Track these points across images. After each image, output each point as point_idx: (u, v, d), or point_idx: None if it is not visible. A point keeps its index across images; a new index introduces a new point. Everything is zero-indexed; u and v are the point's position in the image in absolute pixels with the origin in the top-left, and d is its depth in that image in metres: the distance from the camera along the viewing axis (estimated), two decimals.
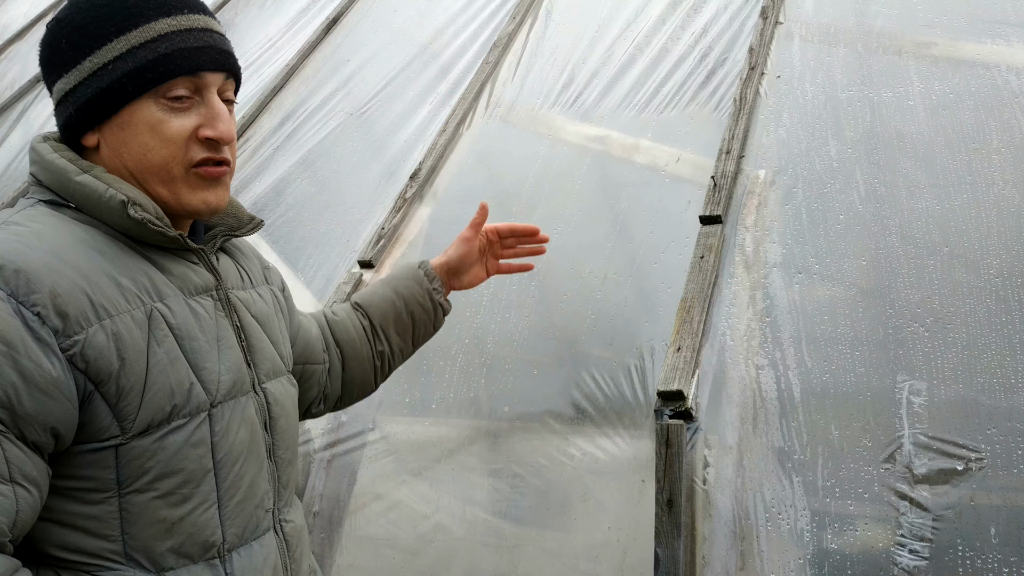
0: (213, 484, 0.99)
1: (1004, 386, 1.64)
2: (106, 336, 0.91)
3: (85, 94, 0.98)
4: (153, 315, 0.96)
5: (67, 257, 0.92)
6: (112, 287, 0.94)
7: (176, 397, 0.96)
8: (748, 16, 2.83)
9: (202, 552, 0.98)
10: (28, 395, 0.86)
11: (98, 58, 0.98)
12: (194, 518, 0.98)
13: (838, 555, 1.53)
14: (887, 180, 2.12)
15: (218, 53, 1.02)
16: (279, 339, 1.18)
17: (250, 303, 1.13)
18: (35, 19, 5.07)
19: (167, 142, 0.98)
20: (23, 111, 4.23)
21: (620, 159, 2.54)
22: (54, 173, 0.98)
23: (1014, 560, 1.44)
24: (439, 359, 2.14)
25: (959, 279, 1.84)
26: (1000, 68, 2.33)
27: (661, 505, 1.64)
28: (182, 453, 0.96)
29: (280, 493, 1.11)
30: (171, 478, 0.96)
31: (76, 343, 0.89)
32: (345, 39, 3.65)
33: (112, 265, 0.95)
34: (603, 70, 2.87)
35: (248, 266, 1.19)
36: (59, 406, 0.89)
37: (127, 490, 0.93)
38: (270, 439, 1.10)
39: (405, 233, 2.55)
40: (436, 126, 2.90)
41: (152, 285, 0.98)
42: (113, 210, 0.96)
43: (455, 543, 1.84)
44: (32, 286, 0.88)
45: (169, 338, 0.97)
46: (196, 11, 1.02)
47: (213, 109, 1.01)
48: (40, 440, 0.88)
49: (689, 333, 1.87)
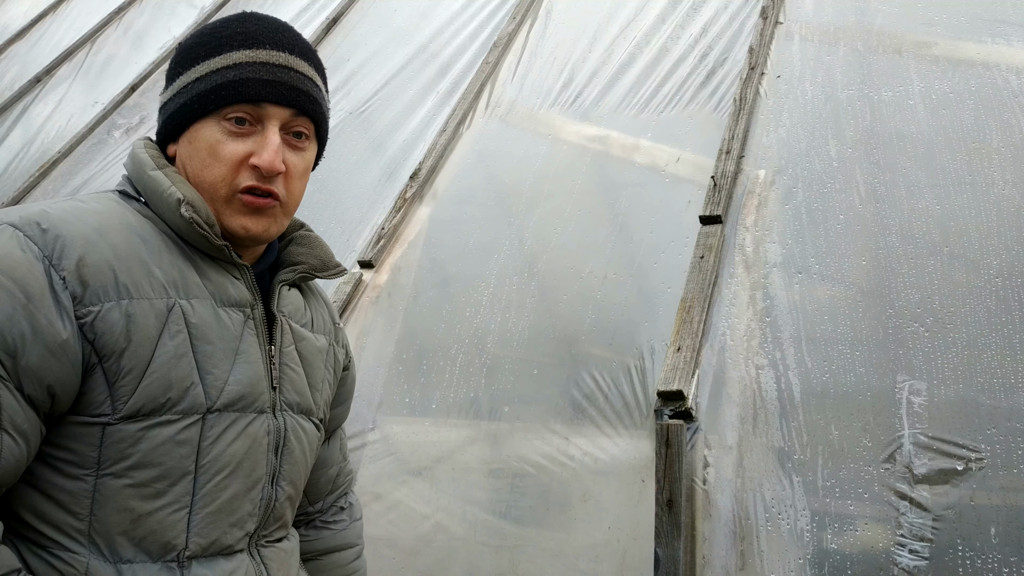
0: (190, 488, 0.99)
1: (1004, 386, 1.64)
2: (120, 314, 0.95)
3: (171, 108, 1.07)
4: (174, 309, 0.99)
5: (108, 235, 0.97)
6: (142, 272, 0.98)
7: (172, 391, 0.97)
8: (748, 16, 2.83)
9: (162, 552, 0.98)
10: (34, 349, 0.89)
11: (186, 77, 1.07)
12: (162, 516, 0.98)
13: (838, 555, 1.53)
14: (887, 180, 2.12)
15: (287, 89, 1.06)
16: (319, 385, 1.18)
17: (301, 337, 1.15)
18: (35, 19, 5.07)
19: (220, 162, 1.04)
20: (23, 111, 4.22)
21: (620, 159, 2.54)
22: (136, 165, 1.06)
23: (1014, 560, 1.44)
24: (439, 359, 2.14)
25: (959, 279, 1.84)
26: (1000, 68, 2.33)
27: (661, 505, 1.64)
28: (164, 448, 0.97)
29: (268, 522, 1.10)
30: (148, 469, 0.97)
31: (90, 313, 0.93)
32: (345, 39, 3.65)
33: (150, 254, 1.00)
34: (603, 70, 2.87)
35: (318, 312, 1.22)
36: (62, 368, 0.91)
37: (104, 471, 0.95)
38: (277, 464, 1.09)
39: (405, 233, 2.55)
40: (436, 126, 2.90)
41: (183, 282, 1.01)
42: (170, 207, 1.02)
43: (455, 543, 1.84)
44: (65, 252, 0.93)
45: (183, 334, 0.99)
46: (282, 49, 1.07)
47: (266, 140, 1.04)
48: (37, 396, 0.91)
49: (689, 333, 1.87)
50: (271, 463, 1.08)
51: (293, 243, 1.19)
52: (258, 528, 1.08)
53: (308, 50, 1.12)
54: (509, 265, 2.31)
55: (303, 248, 1.19)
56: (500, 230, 2.43)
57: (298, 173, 1.09)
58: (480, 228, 2.47)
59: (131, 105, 3.93)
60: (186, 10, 4.50)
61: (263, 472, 1.07)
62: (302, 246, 1.19)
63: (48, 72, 4.46)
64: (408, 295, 2.34)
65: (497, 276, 2.28)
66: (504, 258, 2.33)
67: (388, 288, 2.39)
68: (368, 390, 2.14)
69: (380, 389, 2.13)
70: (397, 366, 2.17)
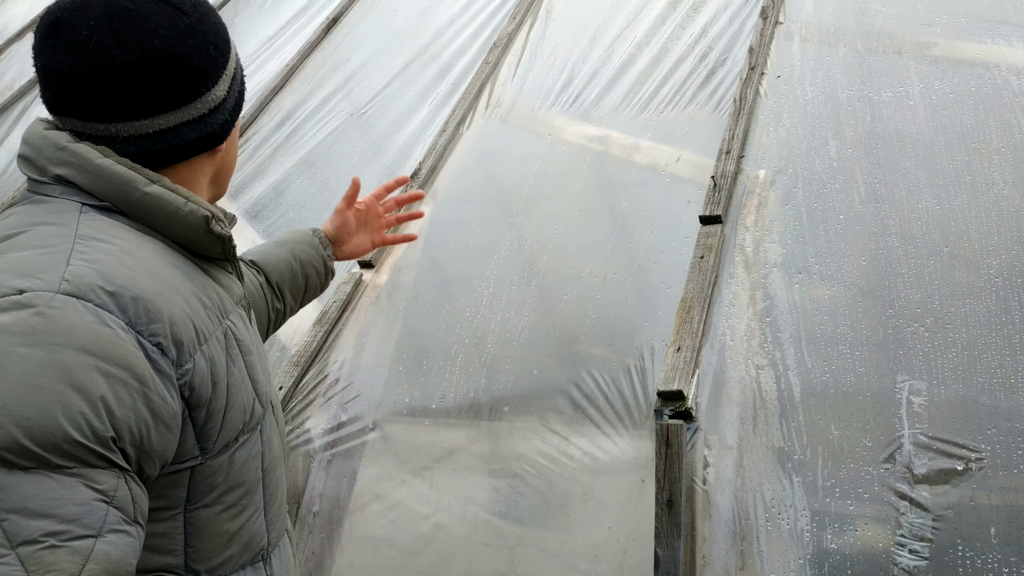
0: (261, 492, 1.01)
1: (1004, 386, 1.64)
2: (205, 362, 0.89)
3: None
4: (228, 334, 0.94)
5: (168, 280, 0.88)
6: (201, 308, 0.91)
7: (246, 414, 0.96)
8: (748, 16, 2.83)
9: (251, 557, 1.01)
10: (156, 432, 0.83)
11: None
12: (249, 526, 0.99)
13: (838, 555, 1.53)
14: (887, 180, 2.12)
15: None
16: (260, 333, 1.21)
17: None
18: (35, 19, 5.07)
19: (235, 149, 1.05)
20: (23, 111, 4.22)
21: (620, 159, 2.54)
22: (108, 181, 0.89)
23: (1014, 560, 1.44)
24: (439, 359, 2.14)
25: (959, 279, 1.84)
26: (1000, 68, 2.33)
27: (661, 505, 1.64)
28: (246, 466, 0.97)
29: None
30: (235, 491, 0.96)
31: (187, 372, 0.86)
32: (345, 39, 3.65)
33: (192, 284, 0.92)
34: (603, 70, 2.87)
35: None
36: (174, 438, 0.86)
37: (194, 505, 0.92)
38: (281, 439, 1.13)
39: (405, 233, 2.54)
40: (436, 126, 2.90)
41: (220, 302, 0.96)
42: (190, 225, 0.92)
43: (455, 543, 1.84)
44: (151, 315, 0.83)
45: (239, 356, 0.96)
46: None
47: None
48: (152, 474, 0.86)
49: (689, 333, 1.87)
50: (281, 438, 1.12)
51: None
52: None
53: None
54: (509, 265, 2.31)
55: None
56: (500, 230, 2.43)
57: None
58: (480, 228, 2.47)
59: None
60: None
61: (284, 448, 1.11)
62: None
63: None
64: (408, 295, 2.34)
65: (497, 276, 2.28)
66: (504, 258, 2.33)
67: (388, 288, 2.39)
68: (368, 390, 2.14)
69: (380, 389, 2.13)
70: (397, 366, 2.17)
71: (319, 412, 2.12)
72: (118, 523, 0.78)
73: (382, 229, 1.57)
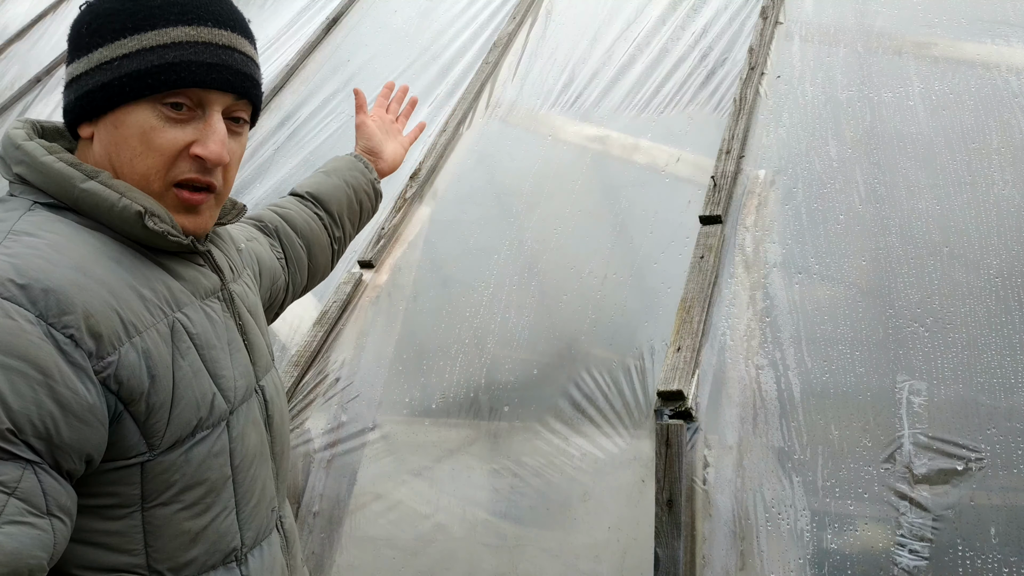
0: (232, 490, 0.99)
1: (1004, 386, 1.64)
2: (137, 355, 0.88)
3: (87, 84, 0.94)
4: (175, 327, 0.93)
5: (92, 272, 0.87)
6: (137, 301, 0.90)
7: (201, 410, 0.94)
8: (748, 16, 2.83)
9: (222, 558, 0.98)
10: (66, 424, 0.82)
11: (108, 51, 0.93)
12: (216, 526, 0.97)
13: (838, 555, 1.53)
14: (887, 180, 2.12)
15: (232, 73, 0.96)
16: (265, 329, 1.16)
17: (243, 296, 1.11)
18: (35, 19, 5.07)
19: (154, 151, 0.93)
20: (23, 111, 4.22)
21: (620, 159, 2.54)
22: (51, 178, 0.92)
23: (1014, 560, 1.44)
24: (439, 359, 2.14)
25: (959, 279, 1.84)
26: (1000, 68, 2.33)
27: (661, 505, 1.64)
28: (206, 464, 0.95)
29: (279, 490, 1.11)
30: (195, 489, 0.94)
31: (110, 364, 0.85)
32: (345, 39, 3.65)
33: (132, 276, 0.91)
34: (603, 70, 2.87)
35: (230, 254, 1.14)
36: (94, 432, 0.85)
37: (151, 504, 0.91)
38: (269, 436, 1.09)
39: (405, 233, 2.55)
40: (436, 126, 2.90)
41: (170, 294, 0.94)
42: (126, 220, 0.92)
43: (455, 543, 1.84)
44: (63, 307, 0.83)
45: (191, 350, 0.94)
46: (223, 26, 0.96)
47: (211, 127, 0.95)
48: (73, 468, 0.85)
49: (689, 333, 1.87)
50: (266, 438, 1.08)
51: None
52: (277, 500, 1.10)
53: (245, 24, 1.01)
54: (509, 265, 2.31)
55: None
56: (500, 230, 2.43)
57: (235, 160, 1.00)
58: (480, 228, 2.47)
59: None
60: None
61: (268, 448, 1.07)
62: None
63: (48, 72, 4.46)
64: (408, 295, 2.35)
65: (497, 276, 2.28)
66: (504, 258, 2.33)
67: (388, 288, 2.39)
68: (368, 390, 2.14)
69: (380, 389, 2.13)
70: (397, 366, 2.17)
71: (319, 412, 2.12)
72: (19, 514, 0.78)
73: (400, 132, 1.68)
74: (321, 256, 1.47)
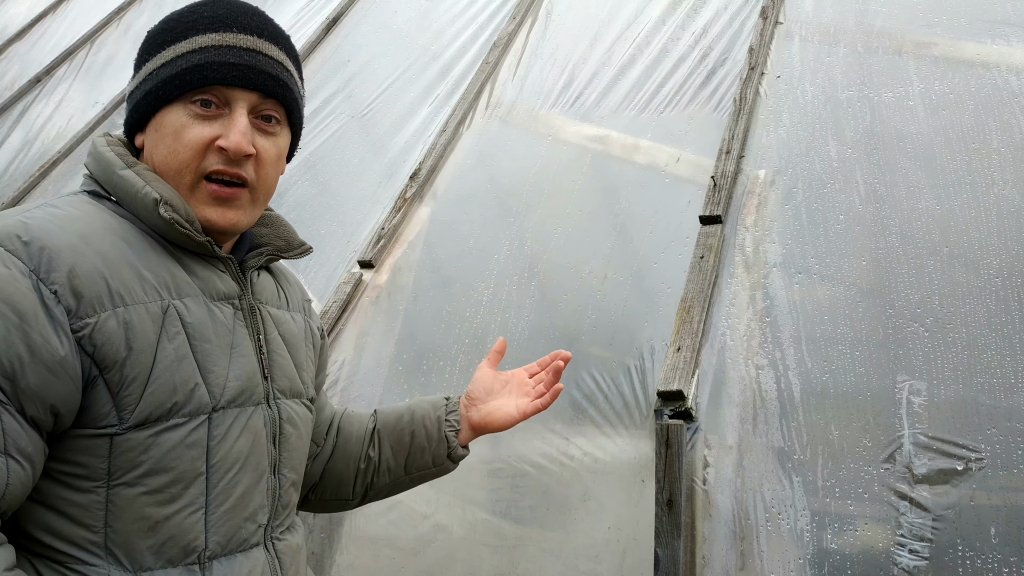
0: (203, 488, 0.99)
1: (1004, 386, 1.64)
2: (117, 323, 0.93)
3: (136, 96, 1.05)
4: (169, 311, 0.97)
5: (93, 242, 0.94)
6: (132, 277, 0.96)
7: (178, 395, 0.96)
8: (748, 16, 2.83)
9: (183, 556, 0.98)
10: (33, 370, 0.87)
11: (151, 64, 1.05)
12: (179, 520, 0.97)
13: (838, 555, 1.53)
14: (887, 180, 2.12)
15: (255, 72, 1.04)
16: (304, 365, 1.18)
17: (281, 322, 1.14)
18: (35, 19, 5.07)
19: (184, 146, 1.01)
20: (23, 111, 4.23)
21: (620, 159, 2.54)
22: (102, 165, 1.03)
23: (1014, 560, 1.44)
24: (439, 359, 2.14)
25: (959, 279, 1.84)
26: (1000, 68, 2.33)
27: (661, 505, 1.64)
28: (175, 452, 0.96)
29: (278, 511, 1.10)
30: (161, 475, 0.95)
31: (87, 325, 0.91)
32: (345, 39, 3.65)
33: (137, 257, 0.98)
34: (603, 70, 2.87)
35: (289, 291, 1.21)
36: (62, 385, 0.89)
37: (116, 482, 0.94)
38: (277, 454, 1.09)
39: (405, 233, 2.55)
40: (436, 126, 2.90)
41: (174, 282, 1.00)
42: (147, 207, 0.99)
43: (455, 543, 1.84)
44: (53, 264, 0.90)
45: (181, 335, 0.98)
46: (250, 32, 1.05)
47: (233, 121, 1.02)
48: (39, 417, 0.89)
49: (689, 333, 1.87)
50: (271, 453, 1.08)
51: (257, 223, 1.16)
52: (270, 519, 1.08)
53: (279, 35, 1.09)
54: (509, 265, 2.31)
55: (266, 229, 1.17)
56: (500, 230, 2.43)
57: (270, 159, 1.07)
58: (480, 228, 2.47)
59: None
60: None
61: (266, 464, 1.07)
62: (265, 226, 1.17)
63: (48, 72, 4.46)
64: (408, 295, 2.35)
65: (497, 276, 2.28)
66: (504, 258, 2.33)
67: (388, 288, 2.39)
68: (368, 390, 2.14)
69: (380, 389, 2.13)
70: (397, 366, 2.17)
71: None
72: None
73: (529, 396, 1.38)
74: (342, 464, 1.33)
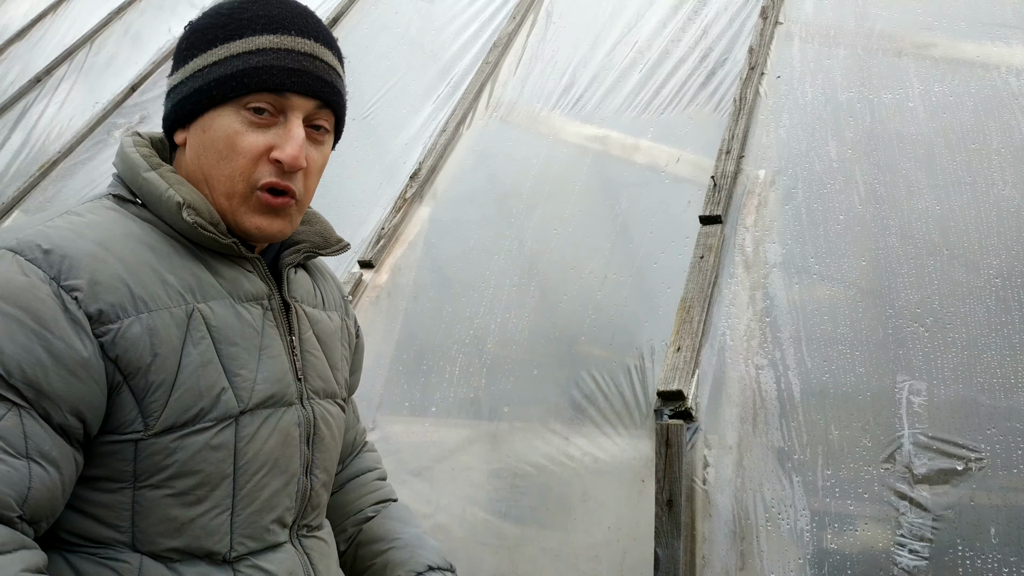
0: (230, 490, 0.98)
1: (1004, 386, 1.64)
2: (141, 329, 0.91)
3: (182, 92, 1.01)
4: (194, 315, 0.96)
5: (114, 248, 0.93)
6: (155, 282, 0.94)
7: (204, 400, 0.95)
8: (748, 16, 2.84)
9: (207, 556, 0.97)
10: (56, 375, 0.86)
11: (201, 60, 1.00)
12: (204, 521, 0.96)
13: (838, 555, 1.53)
14: (887, 180, 2.12)
15: (313, 79, 1.01)
16: (338, 365, 1.17)
17: (316, 320, 1.13)
18: (35, 19, 5.07)
19: (237, 154, 0.98)
20: (23, 111, 4.22)
21: (620, 159, 2.54)
22: (128, 167, 1.01)
23: (1014, 560, 1.44)
24: (439, 359, 2.14)
25: (959, 279, 1.84)
26: (1000, 69, 2.33)
27: (661, 505, 1.64)
28: (201, 455, 0.95)
29: (307, 512, 1.09)
30: (187, 478, 0.94)
31: (110, 331, 0.89)
32: (345, 39, 3.65)
33: (160, 261, 0.96)
34: (603, 71, 2.87)
35: (326, 289, 1.20)
36: (87, 388, 0.88)
37: (142, 484, 0.93)
38: (310, 455, 1.08)
39: (405, 233, 2.55)
40: (436, 126, 2.90)
41: (198, 285, 0.98)
42: (170, 210, 0.98)
43: (455, 543, 1.84)
44: (73, 271, 0.89)
45: (206, 340, 0.96)
46: (308, 35, 1.02)
47: (290, 132, 0.99)
48: (66, 423, 0.88)
49: (689, 333, 1.87)
50: (304, 454, 1.06)
51: None
52: (297, 519, 1.07)
53: (331, 38, 1.07)
54: (509, 265, 2.31)
55: (303, 225, 1.15)
56: (500, 230, 2.43)
57: (316, 168, 1.05)
58: (480, 228, 2.47)
59: (131, 105, 3.93)
60: (186, 9, 4.50)
61: (298, 465, 1.05)
62: (303, 223, 1.15)
63: (48, 72, 4.46)
64: (408, 295, 2.35)
65: (497, 276, 2.28)
66: (504, 258, 2.33)
67: (388, 288, 2.39)
68: (368, 390, 2.14)
69: (380, 389, 2.13)
70: (397, 366, 2.17)
71: None
72: None
73: None
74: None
